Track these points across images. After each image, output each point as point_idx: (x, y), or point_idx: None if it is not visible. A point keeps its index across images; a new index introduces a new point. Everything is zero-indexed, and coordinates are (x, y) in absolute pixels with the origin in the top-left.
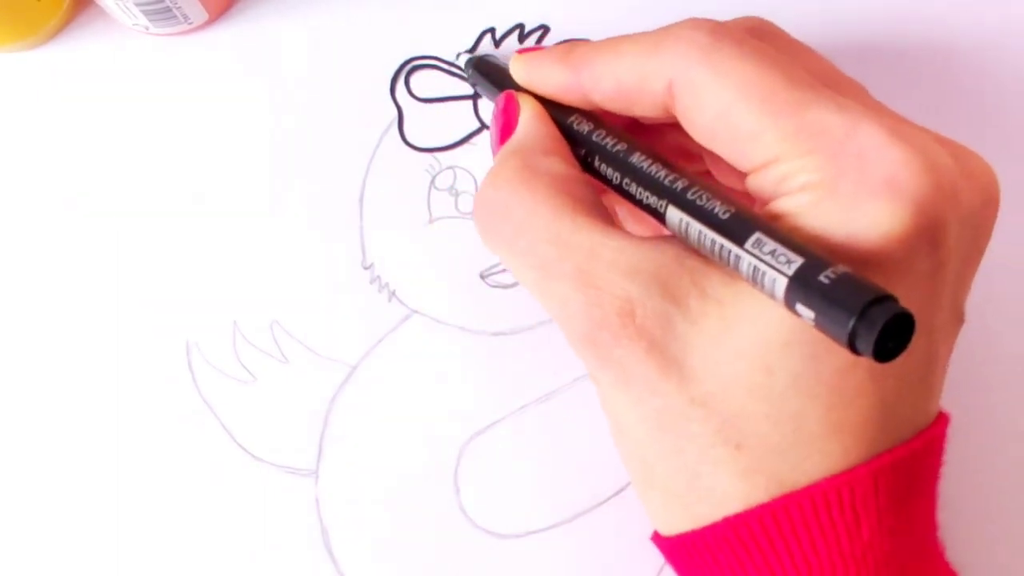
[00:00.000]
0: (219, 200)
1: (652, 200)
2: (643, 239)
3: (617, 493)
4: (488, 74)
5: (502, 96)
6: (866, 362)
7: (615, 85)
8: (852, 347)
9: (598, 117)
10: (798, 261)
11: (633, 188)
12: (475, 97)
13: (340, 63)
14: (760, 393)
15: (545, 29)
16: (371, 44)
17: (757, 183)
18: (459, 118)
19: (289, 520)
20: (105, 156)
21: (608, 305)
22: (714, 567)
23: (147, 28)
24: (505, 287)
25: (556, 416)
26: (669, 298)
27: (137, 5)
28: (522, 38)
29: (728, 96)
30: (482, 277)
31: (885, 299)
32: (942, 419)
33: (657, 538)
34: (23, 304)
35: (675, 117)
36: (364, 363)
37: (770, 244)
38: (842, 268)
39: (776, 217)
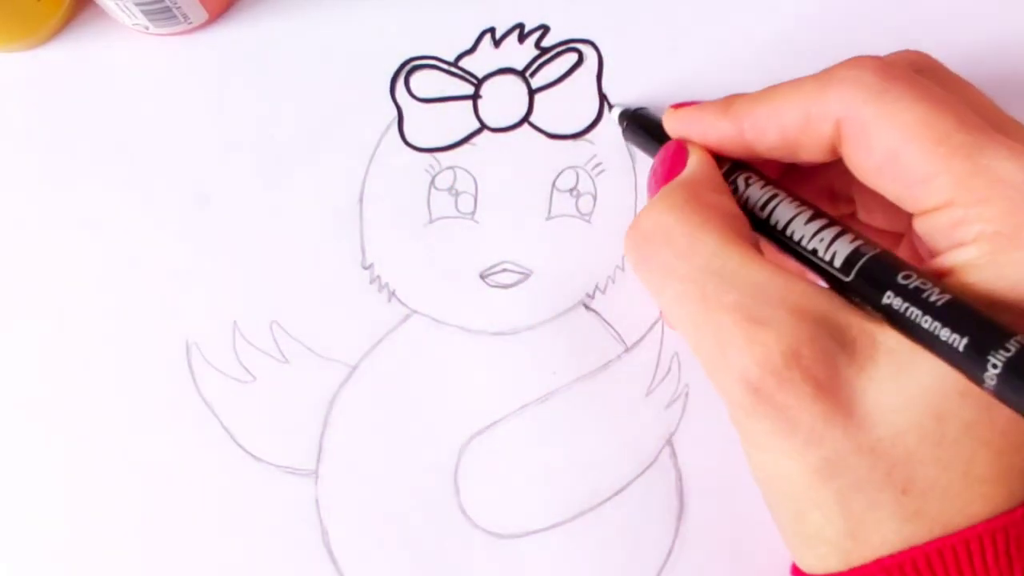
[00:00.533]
0: (218, 200)
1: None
2: (810, 282)
3: (617, 493)
4: (644, 128)
5: (672, 143)
6: None
7: (780, 132)
8: None
9: (760, 172)
10: (969, 332)
11: (805, 242)
12: (475, 97)
13: (340, 63)
14: (932, 439)
15: (545, 29)
16: (371, 44)
17: (927, 227)
18: (459, 118)
19: (289, 520)
20: (104, 156)
21: (774, 343)
22: None
23: (147, 28)
24: (505, 287)
25: (556, 416)
26: (838, 343)
27: (137, 5)
28: (522, 38)
29: (899, 137)
30: (482, 277)
31: None
32: None
33: (797, 573)
34: (23, 305)
35: (836, 159)
36: (364, 363)
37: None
38: (1020, 340)
39: (950, 271)
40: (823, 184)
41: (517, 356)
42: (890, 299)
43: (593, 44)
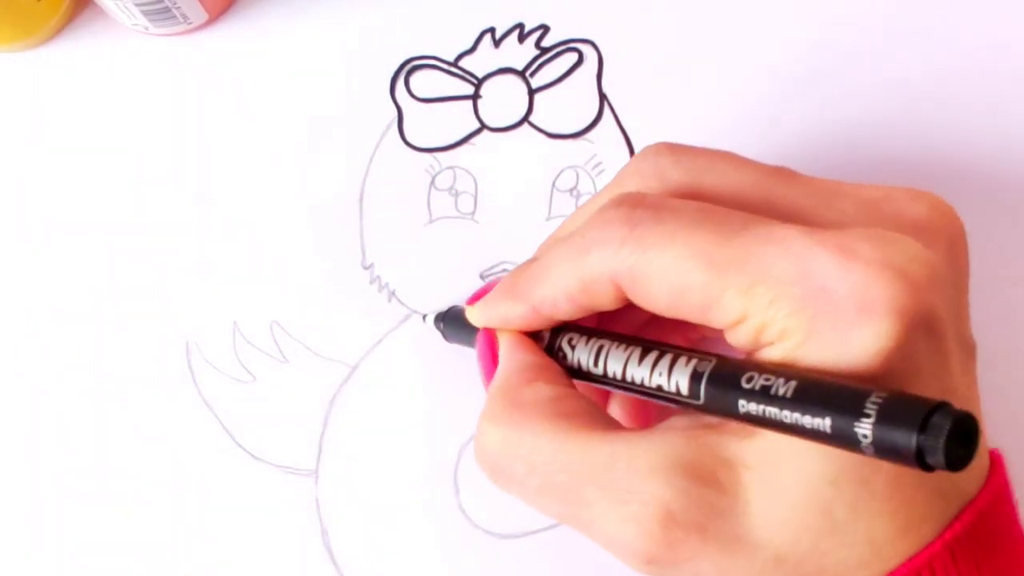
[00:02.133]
0: (219, 200)
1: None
2: (648, 432)
3: None
4: (462, 324)
5: (481, 334)
6: None
7: (568, 301)
8: (921, 464)
9: (580, 328)
10: (829, 412)
11: (647, 383)
12: (475, 97)
13: (340, 63)
14: (826, 531)
15: (545, 29)
16: (371, 44)
17: (735, 340)
18: (459, 118)
19: (289, 520)
20: (104, 156)
21: (645, 517)
22: None
23: (147, 28)
24: None
25: None
26: (699, 482)
27: (136, 5)
28: (522, 38)
29: (673, 278)
30: (482, 277)
31: (941, 407)
32: (996, 460)
33: None
34: (23, 306)
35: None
36: (364, 363)
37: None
38: (883, 392)
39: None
40: (642, 314)
41: None
42: (745, 407)
43: (593, 44)
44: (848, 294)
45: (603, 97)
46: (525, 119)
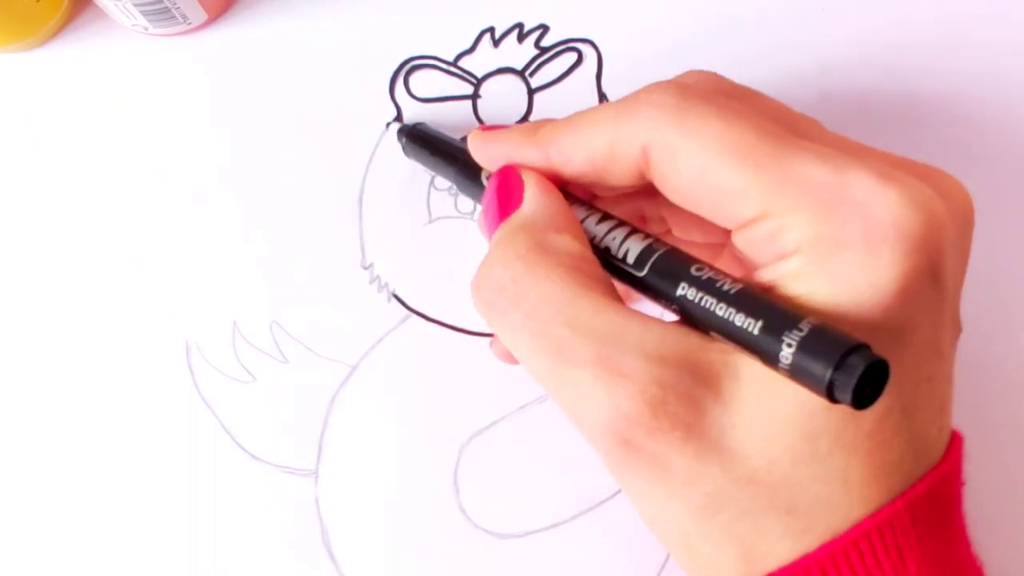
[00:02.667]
0: (218, 200)
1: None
2: (662, 321)
3: (617, 492)
4: (427, 144)
5: (501, 170)
6: (901, 401)
7: (587, 158)
8: (830, 397)
9: (592, 204)
10: (763, 316)
11: (597, 241)
12: (474, 97)
13: (340, 63)
14: (805, 459)
15: (544, 28)
16: (371, 44)
17: (745, 241)
18: (458, 118)
19: (289, 520)
20: (104, 156)
21: (637, 394)
22: None
23: (146, 28)
24: None
25: (556, 416)
26: (701, 382)
27: (136, 6)
28: (521, 38)
29: (705, 154)
30: None
31: (860, 348)
32: (956, 437)
33: None
34: (22, 305)
35: (645, 183)
36: (364, 363)
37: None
38: (811, 321)
39: (773, 284)
40: (631, 210)
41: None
42: (684, 290)
43: (592, 43)
44: (881, 214)
45: (603, 97)
46: (524, 119)
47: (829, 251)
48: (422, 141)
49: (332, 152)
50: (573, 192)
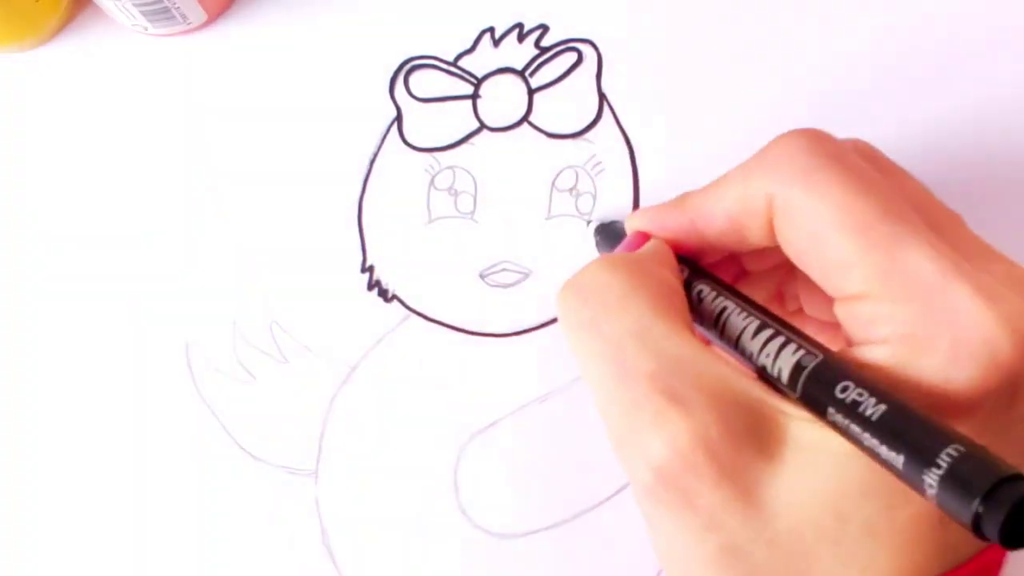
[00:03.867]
0: (217, 200)
1: (756, 345)
2: (729, 362)
3: (617, 492)
4: (616, 236)
5: (632, 235)
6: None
7: (724, 216)
8: (976, 532)
9: (714, 280)
10: (904, 449)
11: (735, 330)
12: (474, 97)
13: (340, 63)
14: (831, 537)
15: (544, 28)
16: (370, 44)
17: (844, 313)
18: (458, 118)
19: (289, 520)
20: (104, 156)
21: (684, 425)
22: None
23: (146, 28)
24: (505, 287)
25: (556, 416)
26: (750, 429)
27: (136, 6)
28: (521, 38)
29: (822, 219)
30: (481, 277)
31: (1014, 478)
32: (994, 548)
33: None
34: (21, 305)
35: (777, 245)
36: (364, 363)
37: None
38: (963, 444)
39: (864, 364)
40: (771, 286)
41: (517, 356)
42: (833, 416)
43: (592, 44)
44: (974, 330)
45: (602, 97)
46: (524, 119)
47: (917, 352)
48: (610, 235)
49: (332, 152)
50: (726, 278)
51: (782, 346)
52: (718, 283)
